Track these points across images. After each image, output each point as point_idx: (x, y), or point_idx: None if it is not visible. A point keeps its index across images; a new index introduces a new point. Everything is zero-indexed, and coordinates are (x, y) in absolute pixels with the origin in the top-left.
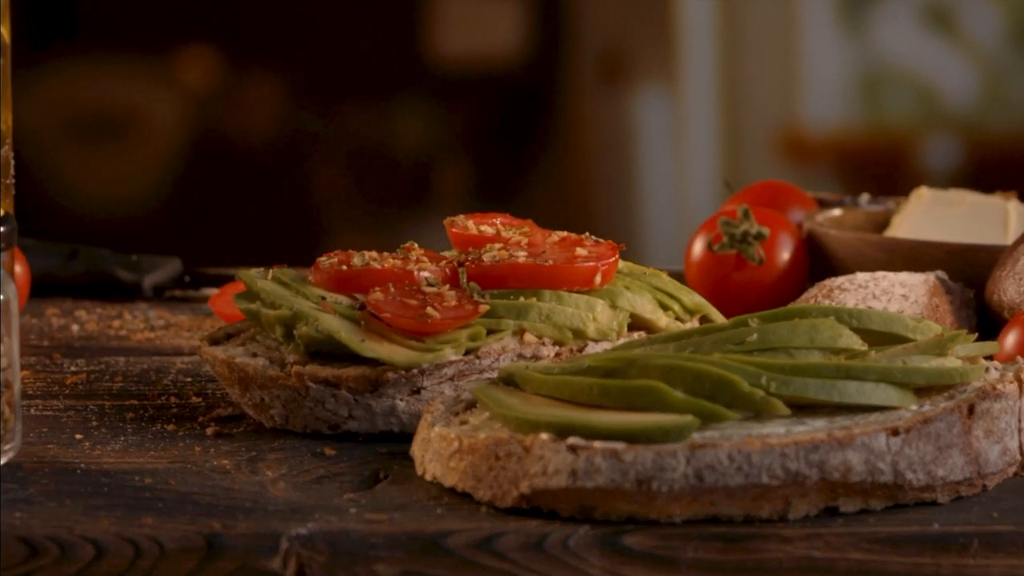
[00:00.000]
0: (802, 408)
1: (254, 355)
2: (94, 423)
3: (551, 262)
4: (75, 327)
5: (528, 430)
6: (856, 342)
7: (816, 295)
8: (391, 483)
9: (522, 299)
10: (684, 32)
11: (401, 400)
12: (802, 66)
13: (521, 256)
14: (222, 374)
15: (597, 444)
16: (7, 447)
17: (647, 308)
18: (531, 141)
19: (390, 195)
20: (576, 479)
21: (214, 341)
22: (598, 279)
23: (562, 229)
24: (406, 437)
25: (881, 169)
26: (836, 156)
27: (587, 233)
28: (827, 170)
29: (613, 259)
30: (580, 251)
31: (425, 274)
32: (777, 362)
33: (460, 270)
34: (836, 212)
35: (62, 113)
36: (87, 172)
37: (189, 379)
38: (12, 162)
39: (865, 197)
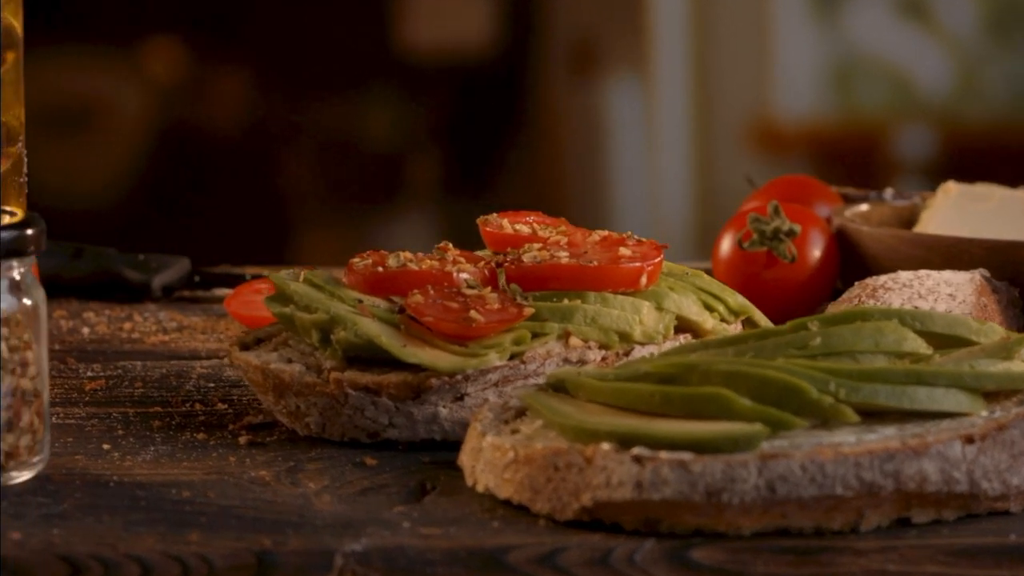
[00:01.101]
0: (869, 415)
1: (289, 361)
2: (120, 432)
3: (595, 263)
4: (85, 330)
5: (588, 440)
6: (921, 346)
7: (859, 295)
8: (440, 495)
9: (566, 301)
10: (656, 22)
11: (444, 407)
12: (775, 55)
13: (563, 256)
14: (255, 381)
15: (663, 455)
16: (36, 459)
17: (693, 310)
18: (503, 132)
19: (360, 187)
20: (642, 491)
21: (244, 346)
22: (643, 280)
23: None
24: (449, 445)
25: (855, 159)
26: (809, 146)
27: (629, 232)
28: (800, 160)
29: (658, 259)
30: (623, 251)
31: (464, 275)
32: (844, 367)
33: (499, 271)
34: (863, 207)
35: (28, 105)
36: (52, 164)
37: (212, 384)
38: (25, 159)
39: (889, 191)
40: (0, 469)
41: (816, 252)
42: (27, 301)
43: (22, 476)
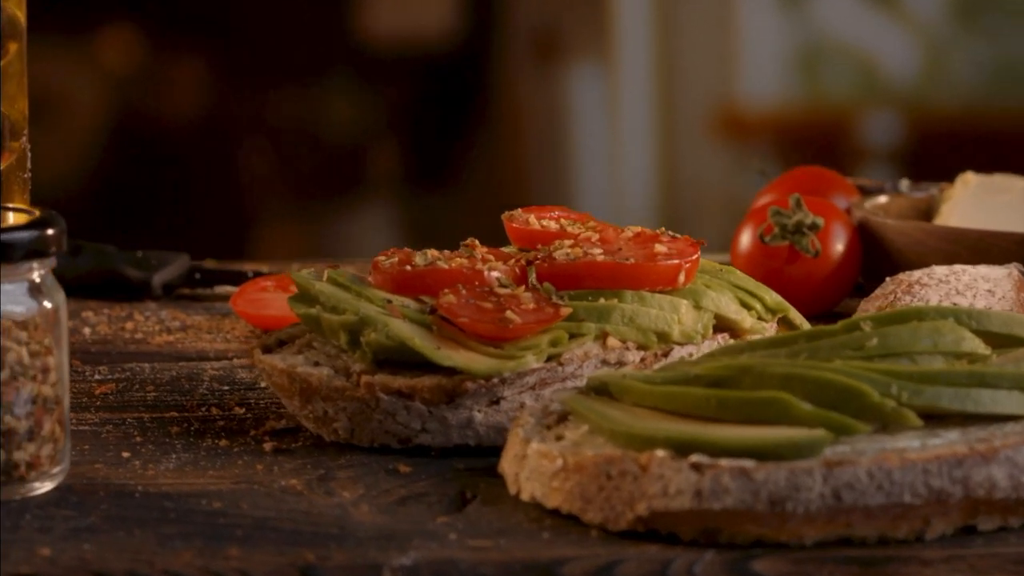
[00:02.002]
0: (928, 418)
1: (316, 364)
2: (138, 438)
3: (632, 260)
4: (87, 330)
5: (641, 446)
6: (980, 346)
7: (894, 291)
8: (482, 504)
9: (602, 300)
10: (619, 9)
11: (479, 411)
12: (739, 42)
13: (597, 254)
14: (280, 385)
15: (723, 462)
16: (57, 469)
17: (731, 308)
18: (465, 122)
19: (320, 178)
20: (701, 500)
21: (266, 348)
22: (682, 278)
23: (497, 209)
24: (483, 451)
25: (821, 146)
26: (774, 133)
27: (662, 228)
28: (765, 147)
29: (696, 256)
30: (659, 248)
31: (496, 274)
32: (904, 369)
33: (529, 269)
34: (882, 199)
35: None
36: None
37: (226, 387)
38: (29, 154)
39: (905, 182)
40: (21, 480)
41: (839, 246)
42: (47, 304)
43: (44, 487)
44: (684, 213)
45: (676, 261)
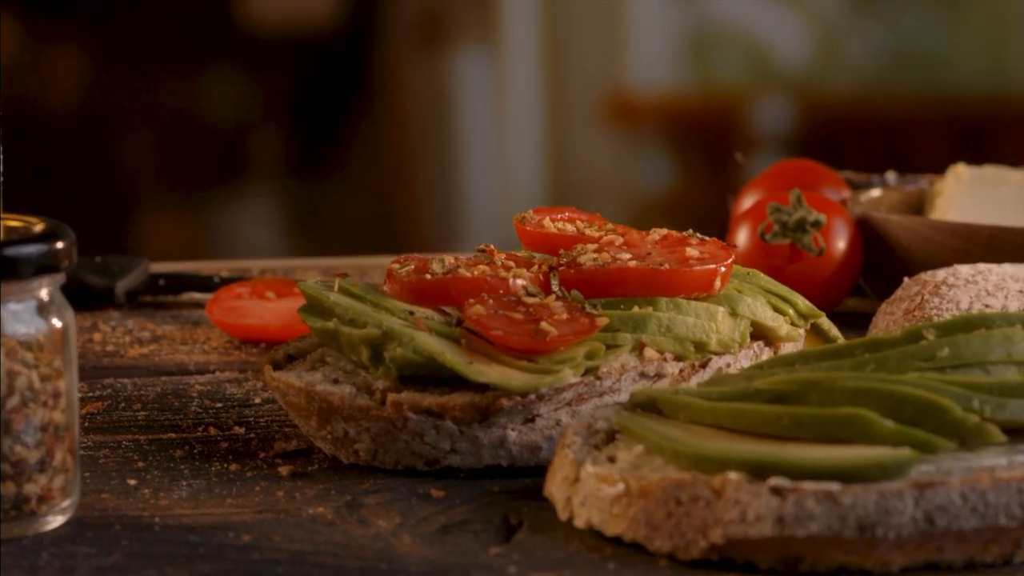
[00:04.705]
0: (1007, 432)
1: (335, 381)
2: (140, 464)
3: (666, 266)
4: None
5: (711, 468)
6: None
7: (920, 292)
8: (532, 532)
9: (636, 308)
10: None
11: (513, 430)
12: (629, 27)
13: (627, 259)
14: (296, 404)
15: (807, 485)
16: (67, 503)
17: (768, 315)
18: (349, 108)
19: (203, 167)
20: (784, 527)
21: (275, 365)
22: (717, 283)
23: (384, 196)
24: (516, 472)
25: (712, 132)
26: (665, 119)
27: (690, 230)
28: (657, 133)
29: (731, 260)
30: (690, 252)
31: (522, 282)
32: (984, 382)
33: (552, 275)
34: (875, 193)
35: None
36: None
37: (219, 404)
38: (1, 156)
39: (892, 175)
40: (32, 515)
41: (841, 243)
42: (57, 323)
43: (56, 521)
44: (574, 200)
45: (712, 266)
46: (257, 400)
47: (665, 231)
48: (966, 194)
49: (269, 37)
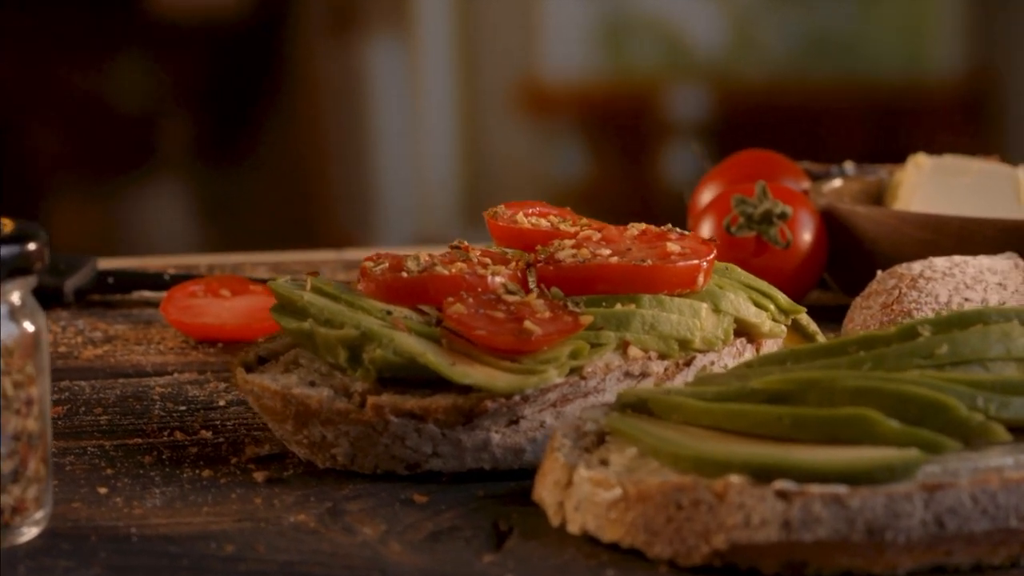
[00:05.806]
0: (1011, 431)
1: (312, 384)
2: (109, 471)
3: (648, 262)
4: None
5: (712, 472)
6: None
7: (897, 285)
8: (524, 538)
9: (618, 306)
10: None
11: (496, 432)
12: (542, 14)
13: (608, 255)
14: (270, 408)
15: (813, 488)
16: (40, 514)
17: (751, 311)
18: (260, 95)
19: (111, 153)
20: (790, 532)
21: (247, 367)
22: (701, 279)
23: (296, 186)
24: (499, 475)
25: (627, 120)
26: (581, 107)
27: (669, 224)
28: (571, 121)
29: (712, 255)
30: (671, 247)
31: (500, 279)
32: (987, 379)
33: (529, 271)
34: (836, 183)
35: None
36: None
37: (182, 407)
38: None
39: (850, 165)
40: (7, 527)
41: (807, 236)
42: (28, 327)
43: (30, 533)
44: (488, 188)
45: (695, 261)
46: (221, 402)
47: (644, 226)
48: (928, 184)
49: (179, 22)
